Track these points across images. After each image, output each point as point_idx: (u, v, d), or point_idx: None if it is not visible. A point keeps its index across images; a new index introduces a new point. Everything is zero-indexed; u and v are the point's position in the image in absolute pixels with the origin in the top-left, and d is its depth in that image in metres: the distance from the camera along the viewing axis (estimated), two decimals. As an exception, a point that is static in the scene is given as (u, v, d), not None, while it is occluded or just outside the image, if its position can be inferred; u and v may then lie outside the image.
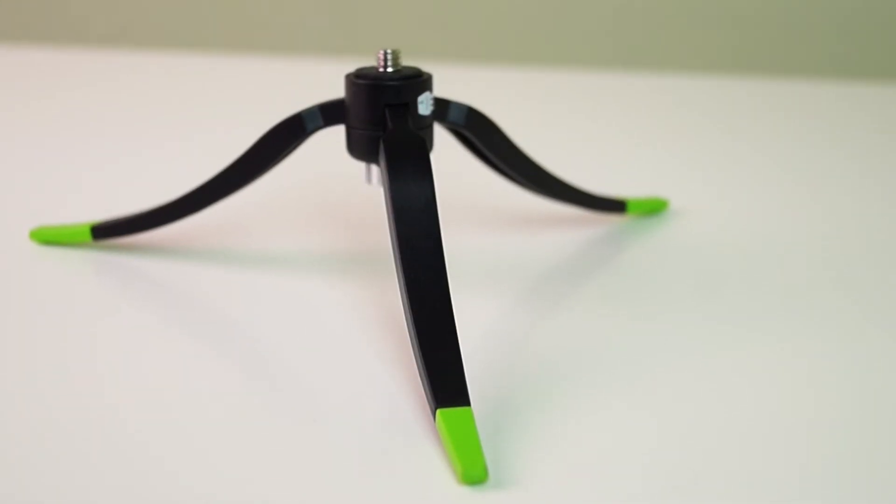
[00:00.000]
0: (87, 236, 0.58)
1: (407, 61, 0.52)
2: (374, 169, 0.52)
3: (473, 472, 0.38)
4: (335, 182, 0.70)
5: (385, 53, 0.51)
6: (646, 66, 1.19)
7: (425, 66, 0.53)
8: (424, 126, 0.51)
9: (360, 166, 0.53)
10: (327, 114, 0.52)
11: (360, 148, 0.51)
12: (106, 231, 0.58)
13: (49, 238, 0.59)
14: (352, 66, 0.53)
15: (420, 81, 0.51)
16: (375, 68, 0.51)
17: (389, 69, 0.51)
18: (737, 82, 1.08)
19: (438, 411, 0.40)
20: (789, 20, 1.19)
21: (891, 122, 0.94)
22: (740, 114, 0.96)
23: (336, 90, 0.53)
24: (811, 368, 0.47)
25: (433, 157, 0.49)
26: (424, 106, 0.51)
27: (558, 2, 1.23)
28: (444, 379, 0.41)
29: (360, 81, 0.50)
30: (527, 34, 1.25)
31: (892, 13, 1.17)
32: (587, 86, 1.07)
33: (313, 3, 1.28)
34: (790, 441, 0.41)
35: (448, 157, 0.61)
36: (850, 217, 0.67)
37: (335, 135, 0.54)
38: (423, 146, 0.48)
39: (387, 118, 0.50)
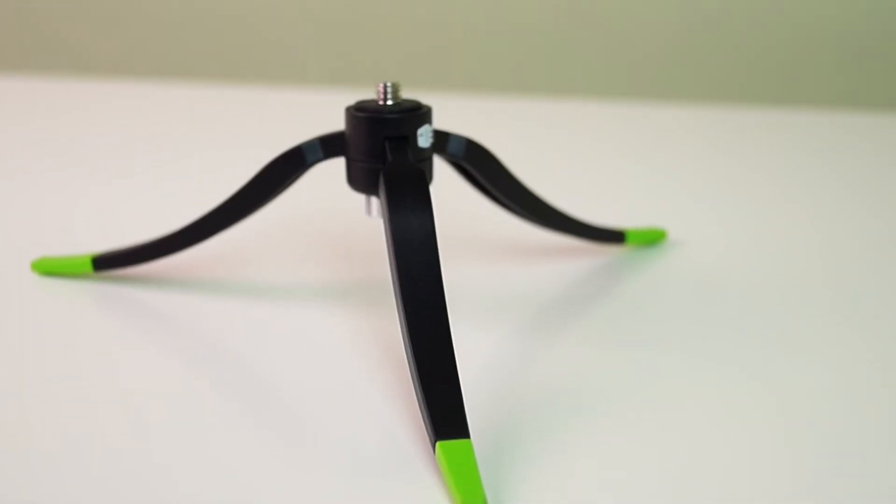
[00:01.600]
0: (89, 267, 0.58)
1: (407, 91, 0.53)
2: (374, 201, 0.52)
3: (473, 505, 0.38)
4: (335, 214, 0.70)
5: (385, 86, 0.51)
6: (644, 95, 1.20)
7: (425, 96, 0.53)
8: (424, 158, 0.51)
9: (360, 198, 0.53)
10: (327, 146, 0.53)
11: (360, 180, 0.51)
12: (107, 262, 0.58)
13: (50, 269, 0.60)
14: (351, 97, 0.53)
15: (420, 114, 0.51)
16: (375, 101, 0.52)
17: (389, 102, 0.51)
18: (736, 112, 1.09)
19: (438, 444, 0.40)
20: (788, 50, 1.20)
21: (893, 151, 0.94)
22: (739, 143, 0.96)
23: (336, 119, 0.54)
24: (811, 403, 0.47)
25: (433, 188, 0.50)
26: (424, 138, 0.51)
27: (557, 32, 1.24)
28: (443, 411, 0.41)
29: (360, 114, 0.51)
30: (525, 65, 1.26)
31: (891, 44, 1.18)
32: (585, 116, 1.08)
33: (314, 34, 1.29)
34: (790, 476, 0.41)
35: (447, 188, 0.62)
36: (853, 248, 0.67)
37: (335, 166, 0.55)
38: (423, 179, 0.48)
39: (387, 151, 0.50)
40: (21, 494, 0.40)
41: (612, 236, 0.63)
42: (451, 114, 0.67)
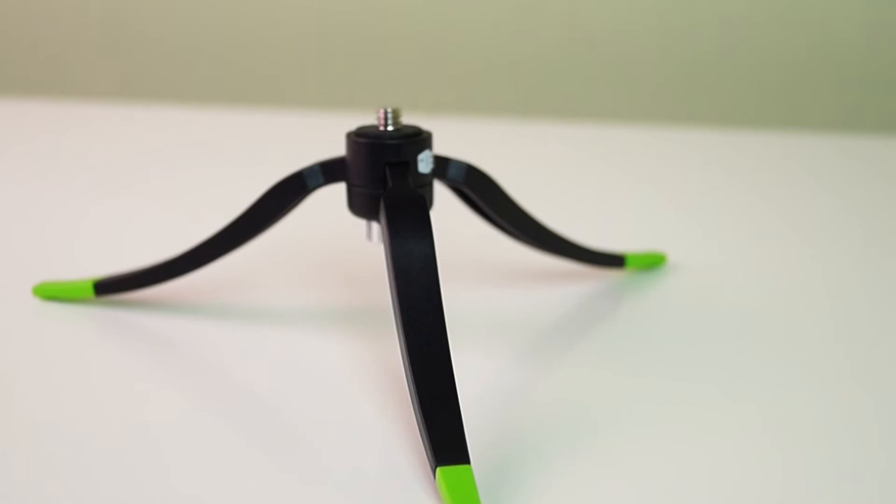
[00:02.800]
0: (90, 292, 0.59)
1: (406, 114, 0.53)
2: (375, 226, 0.52)
3: (473, 531, 0.38)
4: (336, 238, 0.70)
5: (385, 112, 0.51)
6: (644, 119, 1.20)
7: (425, 119, 0.53)
8: (424, 184, 0.52)
9: (360, 223, 0.53)
10: (328, 172, 0.53)
11: (361, 205, 0.52)
12: (108, 287, 0.58)
13: (52, 294, 0.60)
14: (352, 121, 0.53)
15: (420, 140, 0.51)
16: (376, 127, 0.52)
17: (390, 128, 0.51)
18: (737, 135, 1.09)
19: (438, 469, 0.41)
20: (789, 73, 1.20)
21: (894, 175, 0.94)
22: (740, 167, 0.96)
23: (336, 143, 0.54)
24: (809, 430, 0.47)
25: (433, 213, 0.50)
26: (424, 164, 0.51)
27: (558, 56, 1.24)
28: (444, 437, 0.41)
29: (361, 140, 0.51)
30: (526, 89, 1.26)
31: (892, 67, 1.18)
32: (584, 139, 1.08)
33: (314, 58, 1.29)
34: (788, 499, 0.41)
35: (448, 212, 0.62)
36: (853, 273, 0.67)
37: (336, 191, 0.55)
38: (423, 204, 0.48)
39: (387, 176, 0.50)
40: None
41: (612, 260, 0.64)
42: (452, 138, 0.67)
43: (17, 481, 0.42)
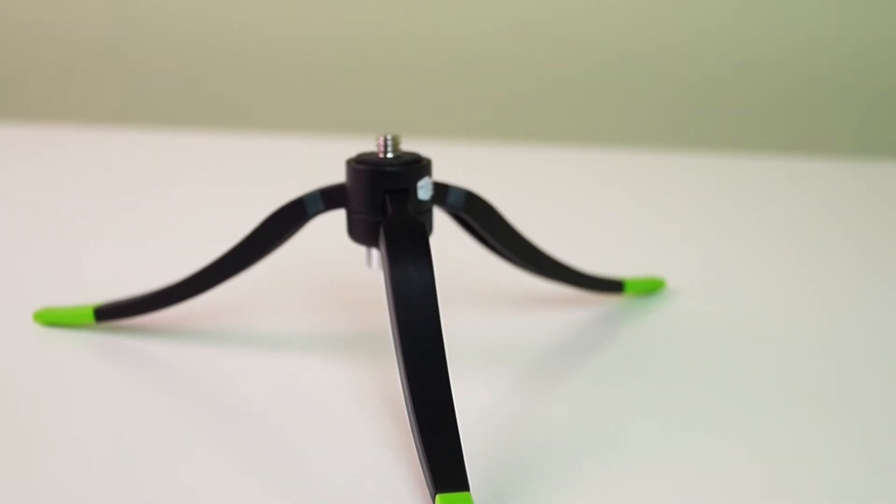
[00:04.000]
0: (91, 318, 0.59)
1: (406, 139, 0.53)
2: (375, 253, 0.52)
3: (473, 558, 0.38)
4: (336, 265, 0.70)
5: (385, 139, 0.52)
6: (643, 143, 1.21)
7: (424, 145, 0.54)
8: (424, 210, 0.52)
9: (360, 250, 0.53)
10: (328, 198, 0.53)
11: (361, 232, 0.52)
12: (109, 313, 0.58)
13: (52, 320, 0.60)
14: (351, 145, 0.54)
15: (419, 167, 0.52)
16: (375, 154, 0.52)
17: (389, 155, 0.52)
18: (737, 160, 1.09)
19: (438, 496, 0.41)
20: (788, 97, 1.21)
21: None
22: (740, 192, 0.97)
23: (336, 166, 0.54)
24: (805, 460, 0.47)
25: (432, 239, 0.50)
26: (424, 191, 0.52)
27: (555, 80, 1.25)
28: (443, 464, 0.42)
29: (361, 167, 0.51)
30: (523, 113, 1.26)
31: (892, 91, 1.19)
32: (584, 164, 1.08)
33: (313, 84, 1.30)
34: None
35: (447, 238, 0.62)
36: (854, 298, 0.67)
37: (336, 218, 0.55)
38: (423, 231, 0.48)
39: (387, 203, 0.51)
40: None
41: (611, 286, 0.64)
42: (451, 164, 0.67)
43: (18, 500, 0.42)
